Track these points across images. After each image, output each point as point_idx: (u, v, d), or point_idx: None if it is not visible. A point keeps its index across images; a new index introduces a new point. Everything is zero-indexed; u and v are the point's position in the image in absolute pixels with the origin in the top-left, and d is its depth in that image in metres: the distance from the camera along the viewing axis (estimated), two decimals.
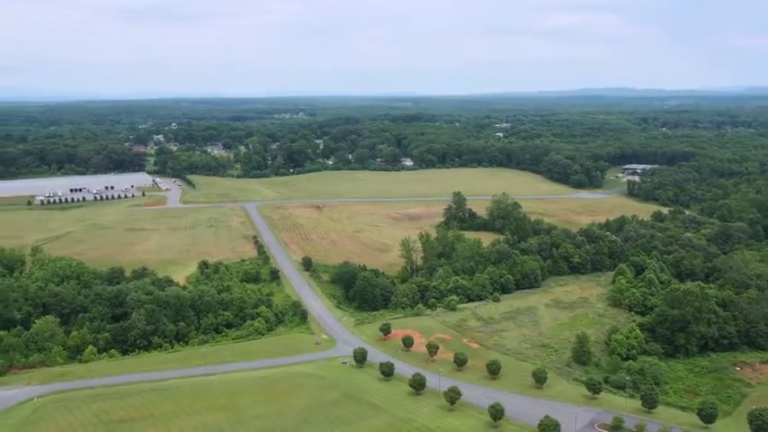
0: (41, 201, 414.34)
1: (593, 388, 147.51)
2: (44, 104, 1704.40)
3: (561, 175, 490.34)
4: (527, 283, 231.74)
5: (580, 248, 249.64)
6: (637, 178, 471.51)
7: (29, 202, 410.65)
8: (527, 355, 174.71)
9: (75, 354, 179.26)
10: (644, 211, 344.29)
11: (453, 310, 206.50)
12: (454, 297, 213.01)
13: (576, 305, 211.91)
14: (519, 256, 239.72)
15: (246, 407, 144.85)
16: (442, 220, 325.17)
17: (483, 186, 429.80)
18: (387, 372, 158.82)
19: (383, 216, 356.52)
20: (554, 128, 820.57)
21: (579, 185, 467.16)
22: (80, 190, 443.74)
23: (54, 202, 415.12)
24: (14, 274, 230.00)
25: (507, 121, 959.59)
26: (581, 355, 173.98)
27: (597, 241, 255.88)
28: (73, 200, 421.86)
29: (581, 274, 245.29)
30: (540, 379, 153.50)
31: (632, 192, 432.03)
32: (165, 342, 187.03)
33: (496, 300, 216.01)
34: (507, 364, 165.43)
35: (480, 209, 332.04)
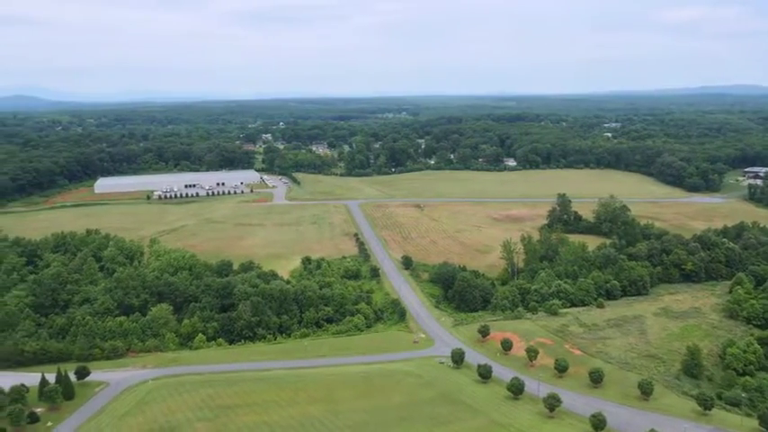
0: (159, 195, 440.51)
1: (705, 403, 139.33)
2: (163, 105, 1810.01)
3: (675, 178, 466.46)
4: (634, 289, 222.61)
5: (693, 255, 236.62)
6: (759, 182, 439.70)
7: (148, 197, 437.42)
8: (632, 364, 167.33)
9: (186, 341, 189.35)
10: (766, 217, 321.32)
11: (555, 314, 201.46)
12: (556, 301, 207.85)
13: (688, 315, 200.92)
14: (626, 262, 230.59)
15: (344, 400, 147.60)
16: (546, 222, 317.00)
17: (589, 188, 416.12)
18: (484, 374, 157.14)
19: (484, 216, 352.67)
20: (667, 128, 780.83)
21: (694, 189, 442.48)
22: (194, 186, 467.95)
23: (170, 196, 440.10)
24: (134, 264, 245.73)
25: (617, 121, 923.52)
26: (692, 368, 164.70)
27: (713, 248, 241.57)
28: (187, 195, 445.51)
29: (693, 283, 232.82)
30: (646, 390, 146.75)
31: (754, 196, 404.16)
32: (269, 334, 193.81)
33: (601, 306, 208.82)
34: (611, 372, 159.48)
35: (586, 211, 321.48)
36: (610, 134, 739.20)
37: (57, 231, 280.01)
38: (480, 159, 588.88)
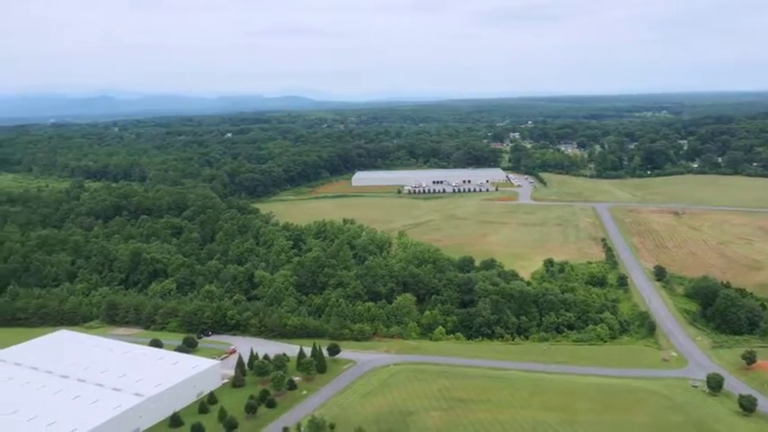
0: (409, 190, 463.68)
1: None
2: (414, 104, 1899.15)
3: None
4: None
5: None
6: None
7: (398, 191, 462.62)
8: None
9: (426, 331, 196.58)
10: None
11: None
12: None
13: None
14: None
15: (581, 412, 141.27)
16: None
17: None
18: (747, 406, 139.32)
19: (756, 228, 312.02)
20: None
21: None
22: (441, 182, 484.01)
23: (419, 192, 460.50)
24: (383, 254, 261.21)
25: None
26: None
27: None
28: (434, 191, 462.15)
29: None
30: None
31: None
32: (507, 333, 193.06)
33: None
34: None
35: None
36: None
37: (318, 219, 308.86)
38: (755, 164, 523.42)
